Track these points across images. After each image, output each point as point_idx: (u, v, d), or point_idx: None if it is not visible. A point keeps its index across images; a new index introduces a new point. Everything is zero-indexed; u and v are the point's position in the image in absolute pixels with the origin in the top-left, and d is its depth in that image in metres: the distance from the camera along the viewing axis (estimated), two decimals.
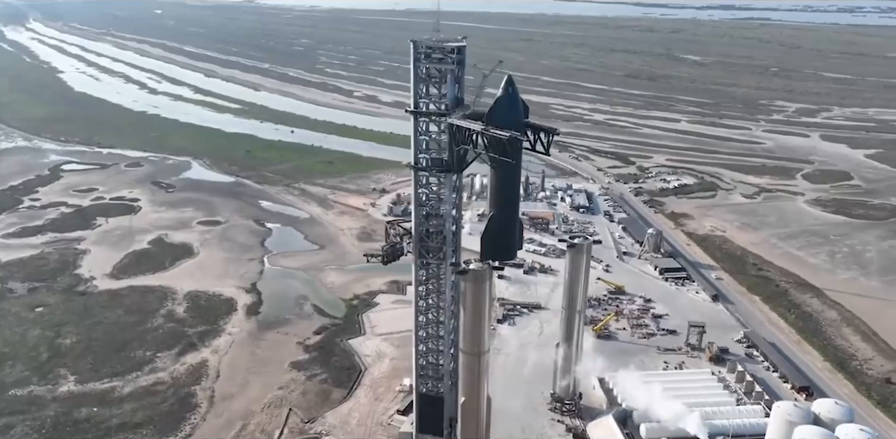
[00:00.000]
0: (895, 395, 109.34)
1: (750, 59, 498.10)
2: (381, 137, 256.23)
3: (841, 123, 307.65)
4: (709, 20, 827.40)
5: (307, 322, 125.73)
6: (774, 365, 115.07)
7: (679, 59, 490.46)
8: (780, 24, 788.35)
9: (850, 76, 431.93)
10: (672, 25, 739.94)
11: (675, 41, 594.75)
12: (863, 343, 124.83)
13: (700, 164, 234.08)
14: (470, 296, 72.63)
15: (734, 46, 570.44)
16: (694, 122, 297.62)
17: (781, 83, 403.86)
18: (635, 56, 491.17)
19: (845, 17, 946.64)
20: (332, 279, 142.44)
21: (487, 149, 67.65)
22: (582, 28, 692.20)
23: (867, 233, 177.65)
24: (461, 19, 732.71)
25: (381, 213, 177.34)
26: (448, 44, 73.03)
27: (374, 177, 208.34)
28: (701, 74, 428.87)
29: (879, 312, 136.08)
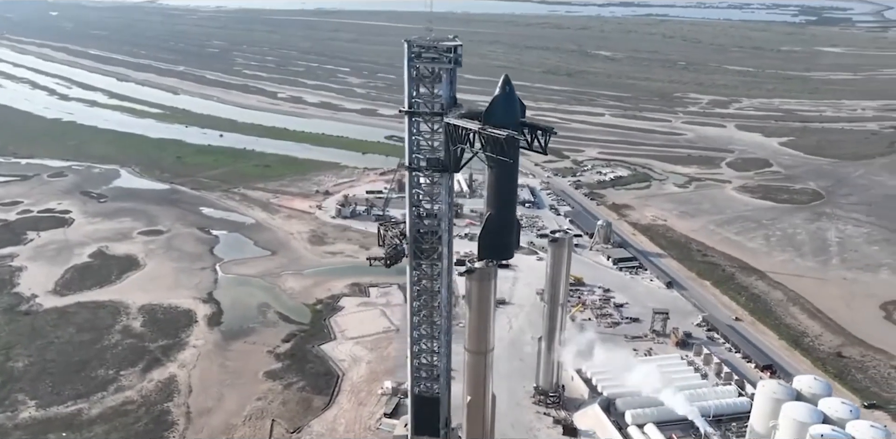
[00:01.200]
0: (848, 368, 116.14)
1: (657, 54, 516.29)
2: (314, 139, 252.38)
3: (751, 113, 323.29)
4: (612, 17, 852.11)
5: (273, 330, 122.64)
6: (736, 347, 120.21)
7: (592, 55, 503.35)
8: (678, 21, 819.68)
9: (752, 69, 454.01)
10: (579, 22, 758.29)
11: (584, 38, 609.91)
12: (810, 320, 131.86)
13: (630, 156, 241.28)
14: (475, 295, 72.60)
15: (641, 42, 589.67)
16: (617, 116, 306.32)
17: (691, 76, 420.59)
18: (550, 52, 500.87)
19: (736, 13, 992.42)
20: (290, 284, 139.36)
21: (484, 148, 67.59)
22: (492, 26, 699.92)
23: (794, 217, 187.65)
24: (373, 18, 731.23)
25: (330, 216, 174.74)
26: (444, 43, 72.67)
27: (315, 180, 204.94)
28: (615, 70, 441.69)
29: (818, 290, 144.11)
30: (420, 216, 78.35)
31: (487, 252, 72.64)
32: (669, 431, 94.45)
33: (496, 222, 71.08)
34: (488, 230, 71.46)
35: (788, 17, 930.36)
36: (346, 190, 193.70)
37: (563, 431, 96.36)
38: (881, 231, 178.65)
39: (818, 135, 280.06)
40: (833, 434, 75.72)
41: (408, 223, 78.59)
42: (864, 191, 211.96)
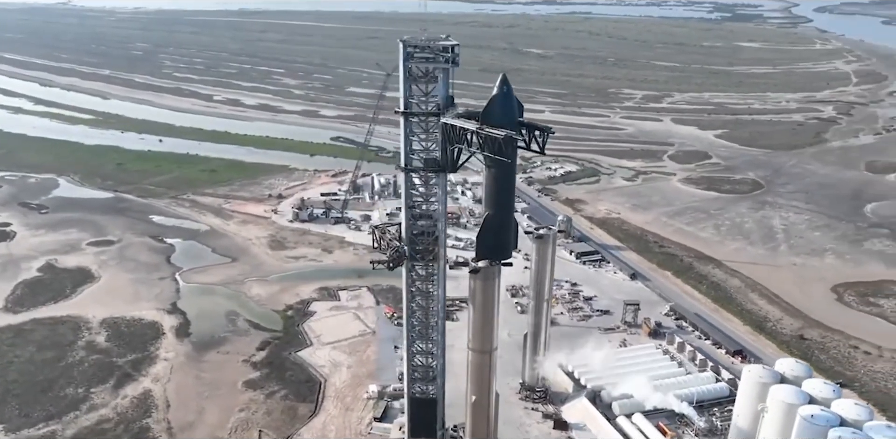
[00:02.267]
0: (811, 349, 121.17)
1: (586, 51, 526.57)
2: (259, 142, 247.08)
3: (684, 107, 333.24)
4: (538, 15, 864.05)
5: (246, 338, 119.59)
6: (705, 334, 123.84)
7: (524, 52, 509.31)
8: (602, 18, 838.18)
9: (678, 64, 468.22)
10: (506, 21, 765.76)
11: (514, 36, 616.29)
12: (769, 305, 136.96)
13: (576, 152, 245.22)
14: (479, 294, 72.52)
15: (569, 39, 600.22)
16: (556, 112, 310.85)
17: (622, 72, 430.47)
18: (482, 51, 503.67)
19: (655, 10, 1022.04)
20: (256, 291, 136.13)
21: (482, 148, 67.54)
22: (420, 25, 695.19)
23: (739, 206, 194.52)
24: (298, 18, 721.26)
25: (287, 219, 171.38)
26: (440, 42, 72.30)
27: (266, 183, 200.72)
28: (549, 67, 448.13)
29: (772, 276, 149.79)
30: (416, 217, 77.99)
31: (486, 252, 72.47)
32: (656, 419, 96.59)
33: (494, 222, 71.14)
34: (487, 230, 71.49)
35: (704, 13, 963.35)
36: (300, 193, 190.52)
37: (554, 425, 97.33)
38: (820, 217, 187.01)
39: (749, 127, 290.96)
40: (822, 413, 78.67)
41: (404, 224, 78.01)
42: (799, 179, 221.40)
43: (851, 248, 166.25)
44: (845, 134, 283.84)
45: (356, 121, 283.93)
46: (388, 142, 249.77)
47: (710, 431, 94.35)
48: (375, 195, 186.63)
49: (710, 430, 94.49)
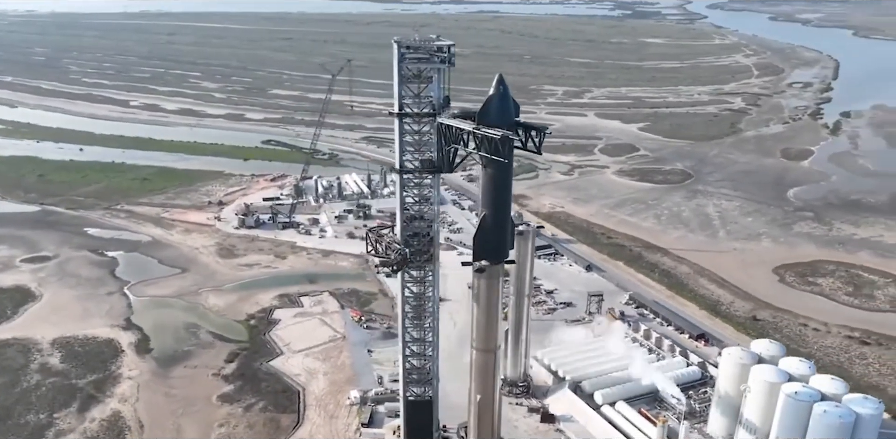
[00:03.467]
0: (766, 329, 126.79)
1: (501, 49, 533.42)
2: (187, 148, 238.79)
3: (605, 102, 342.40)
4: (447, 14, 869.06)
5: (212, 351, 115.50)
6: (667, 320, 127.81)
7: None
8: (510, 16, 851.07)
9: (592, 60, 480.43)
10: (418, 20, 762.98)
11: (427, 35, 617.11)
12: (720, 289, 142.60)
13: None
14: (483, 293, 72.39)
15: (482, 38, 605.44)
16: None
17: (539, 69, 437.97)
18: None
19: (559, 8, 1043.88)
20: (214, 301, 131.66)
21: (479, 148, 67.62)
22: (332, 25, 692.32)
23: (674, 196, 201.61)
24: (205, 20, 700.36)
25: (232, 226, 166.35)
26: (435, 42, 71.85)
27: (203, 190, 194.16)
28: (467, 65, 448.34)
29: (716, 262, 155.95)
30: (410, 219, 77.30)
31: (483, 252, 72.29)
32: (636, 406, 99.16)
33: (491, 222, 71.24)
34: (484, 230, 71.51)
35: (607, 11, 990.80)
36: (240, 199, 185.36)
37: (542, 418, 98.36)
38: (749, 203, 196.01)
39: (669, 120, 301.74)
40: (804, 390, 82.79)
41: (399, 226, 77.17)
42: (723, 168, 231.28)
43: (783, 232, 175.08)
44: (757, 124, 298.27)
45: (285, 123, 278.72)
46: (323, 144, 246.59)
47: (690, 413, 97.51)
48: (320, 198, 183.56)
49: (689, 413, 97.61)
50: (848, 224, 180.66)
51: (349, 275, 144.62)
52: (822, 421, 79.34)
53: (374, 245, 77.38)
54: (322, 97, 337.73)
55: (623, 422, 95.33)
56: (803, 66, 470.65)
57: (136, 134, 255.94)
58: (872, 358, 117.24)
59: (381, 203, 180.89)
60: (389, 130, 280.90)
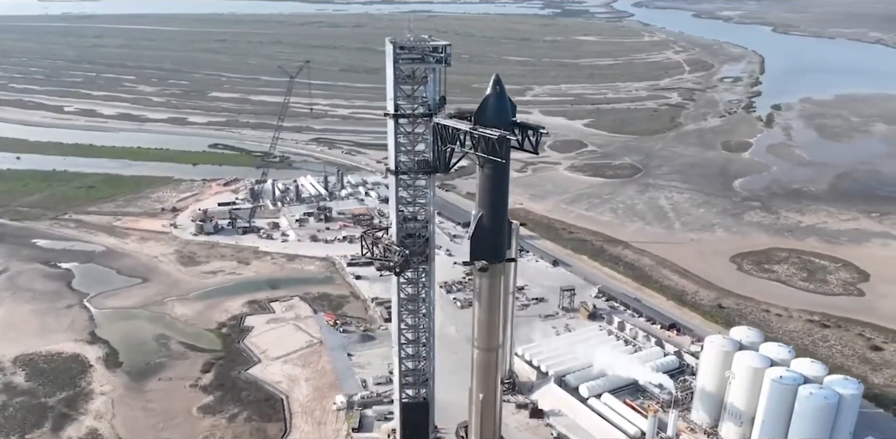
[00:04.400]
0: (731, 316, 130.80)
1: None
2: (132, 153, 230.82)
3: (547, 99, 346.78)
4: (380, 14, 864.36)
5: (185, 362, 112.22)
6: (638, 311, 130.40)
7: (380, 51, 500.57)
8: (443, 16, 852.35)
9: (530, 58, 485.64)
10: (352, 20, 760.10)
11: (364, 35, 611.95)
12: (683, 280, 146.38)
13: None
14: (486, 292, 72.20)
15: None
16: None
17: (479, 68, 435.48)
18: (338, 51, 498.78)
19: (490, 7, 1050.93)
20: (181, 311, 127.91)
21: (476, 148, 67.65)
22: (265, 26, 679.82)
23: (627, 189, 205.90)
24: (133, 22, 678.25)
25: (190, 233, 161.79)
26: (430, 42, 71.52)
27: (154, 197, 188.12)
28: None
29: (675, 253, 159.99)
30: (406, 220, 76.77)
31: (480, 252, 72.20)
32: (620, 397, 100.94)
33: (487, 222, 71.32)
34: (481, 230, 71.51)
35: (537, 9, 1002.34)
36: (194, 204, 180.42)
37: (531, 414, 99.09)
38: (699, 195, 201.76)
39: (612, 116, 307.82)
40: (788, 374, 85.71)
41: (394, 227, 76.54)
42: (670, 161, 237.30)
43: (734, 222, 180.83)
44: (695, 118, 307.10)
45: (230, 126, 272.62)
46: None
47: (675, 401, 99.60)
48: (278, 201, 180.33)
49: (671, 401, 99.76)
50: (793, 212, 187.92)
51: (317, 278, 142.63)
52: (809, 403, 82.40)
53: (371, 248, 76.44)
54: (264, 99, 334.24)
55: (611, 414, 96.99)
56: (731, 62, 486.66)
57: (75, 140, 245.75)
58: (834, 340, 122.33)
59: (341, 205, 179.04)
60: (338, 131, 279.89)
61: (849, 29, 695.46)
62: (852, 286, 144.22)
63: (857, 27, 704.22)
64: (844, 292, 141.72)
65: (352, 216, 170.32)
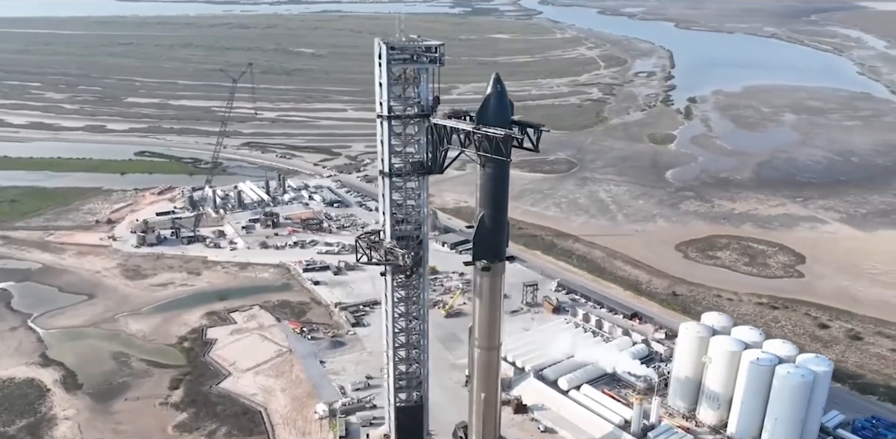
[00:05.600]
0: (687, 302, 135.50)
1: (358, 48, 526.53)
2: (53, 164, 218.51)
3: (473, 97, 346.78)
4: (290, 15, 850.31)
5: (150, 379, 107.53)
6: (599, 303, 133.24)
7: (296, 52, 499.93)
8: (356, 15, 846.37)
9: (450, 57, 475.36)
10: (262, 21, 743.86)
11: (277, 36, 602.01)
12: (635, 270, 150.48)
13: None
14: (487, 291, 72.39)
15: (334, 37, 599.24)
16: (359, 110, 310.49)
17: None
18: (253, 53, 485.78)
19: (400, 6, 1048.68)
20: (136, 327, 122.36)
21: (478, 148, 67.73)
22: (171, 28, 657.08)
23: (566, 184, 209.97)
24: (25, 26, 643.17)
25: (131, 245, 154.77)
26: (423, 43, 70.93)
27: (85, 209, 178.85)
28: (328, 65, 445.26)
29: (623, 244, 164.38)
30: (399, 222, 75.97)
31: (483, 251, 72.33)
32: (598, 388, 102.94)
33: (490, 222, 71.52)
34: (483, 230, 71.66)
35: (447, 8, 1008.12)
36: (130, 215, 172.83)
37: (515, 410, 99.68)
38: (636, 187, 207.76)
39: (539, 112, 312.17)
40: (765, 355, 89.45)
41: (388, 230, 75.59)
42: (602, 155, 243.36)
43: (673, 211, 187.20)
44: (619, 112, 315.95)
45: (153, 133, 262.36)
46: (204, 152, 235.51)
47: (649, 389, 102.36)
48: (219, 209, 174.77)
49: (647, 388, 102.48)
50: (725, 200, 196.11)
51: (274, 286, 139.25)
52: (787, 382, 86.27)
53: (367, 252, 75.16)
54: (185, 104, 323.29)
55: (594, 405, 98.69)
56: (642, 57, 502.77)
57: None
58: (784, 320, 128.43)
59: (287, 210, 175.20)
60: (269, 135, 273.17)
61: (745, 24, 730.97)
62: (791, 268, 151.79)
63: (752, 22, 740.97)
64: (786, 275, 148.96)
65: (300, 221, 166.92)
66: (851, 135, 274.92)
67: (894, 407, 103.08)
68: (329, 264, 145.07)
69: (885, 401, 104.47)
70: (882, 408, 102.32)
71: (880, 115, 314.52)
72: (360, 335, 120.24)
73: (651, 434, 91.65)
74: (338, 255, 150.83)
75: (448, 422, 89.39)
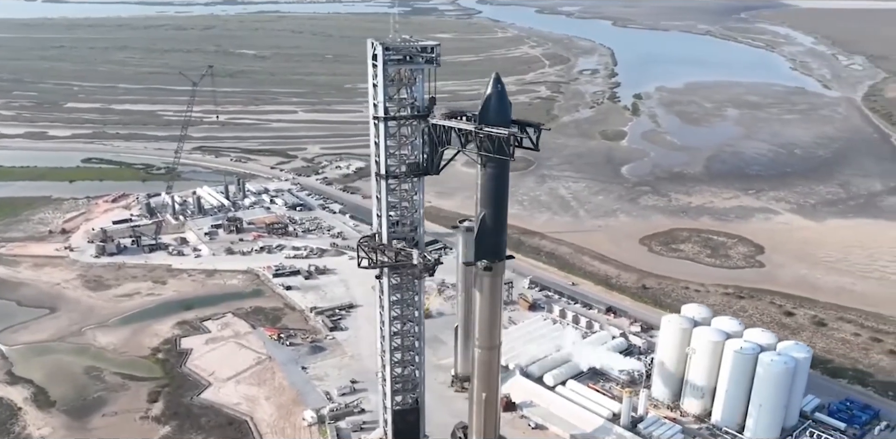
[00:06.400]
0: (657, 295, 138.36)
1: (301, 49, 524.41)
2: None
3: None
4: (227, 15, 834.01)
5: (127, 393, 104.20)
6: (573, 298, 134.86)
7: (238, 54, 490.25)
8: (295, 16, 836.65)
9: None
10: (199, 22, 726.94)
11: (217, 37, 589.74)
12: (603, 265, 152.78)
13: (352, 148, 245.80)
14: (488, 291, 72.56)
15: (276, 38, 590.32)
16: (310, 112, 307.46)
17: (348, 68, 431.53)
18: (193, 55, 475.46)
19: (339, 6, 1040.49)
20: (106, 340, 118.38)
21: (480, 148, 67.82)
22: (105, 31, 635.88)
23: (526, 182, 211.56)
24: None
25: (91, 255, 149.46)
26: (419, 43, 70.40)
27: (36, 219, 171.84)
28: (273, 67, 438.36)
29: (589, 239, 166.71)
30: (394, 224, 75.30)
31: (485, 252, 72.47)
32: (583, 382, 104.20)
33: (491, 221, 71.69)
34: (484, 230, 71.84)
35: (386, 8, 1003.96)
36: (84, 224, 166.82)
37: (504, 408, 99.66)
38: (594, 183, 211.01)
39: None
40: (747, 344, 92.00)
41: (384, 233, 74.85)
42: (558, 152, 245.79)
43: (632, 206, 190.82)
44: (568, 109, 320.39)
45: (99, 139, 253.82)
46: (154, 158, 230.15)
47: (632, 381, 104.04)
48: (178, 215, 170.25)
49: (631, 381, 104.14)
50: (681, 194, 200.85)
51: (245, 292, 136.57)
52: (771, 369, 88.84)
53: (375, 255, 73.89)
54: (129, 108, 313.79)
55: (581, 399, 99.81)
56: (585, 55, 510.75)
57: None
58: (751, 309, 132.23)
59: (249, 214, 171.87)
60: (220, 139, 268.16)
61: (680, 21, 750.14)
62: (752, 259, 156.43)
63: (686, 20, 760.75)
64: (747, 265, 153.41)
65: (264, 225, 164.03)
66: (791, 129, 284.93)
67: (864, 389, 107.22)
68: (299, 268, 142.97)
69: (855, 384, 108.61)
70: (852, 391, 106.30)
71: (816, 109, 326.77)
72: (339, 339, 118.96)
73: (641, 425, 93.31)
74: (307, 259, 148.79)
75: (437, 423, 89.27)
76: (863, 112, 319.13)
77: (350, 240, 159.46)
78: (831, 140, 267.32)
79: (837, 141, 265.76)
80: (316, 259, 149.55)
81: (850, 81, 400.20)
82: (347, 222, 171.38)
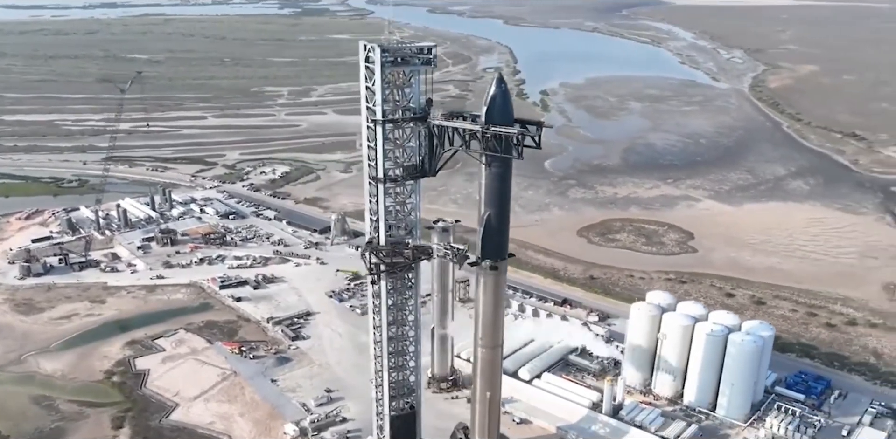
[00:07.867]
0: (606, 284, 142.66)
1: (196, 53, 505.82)
2: None
3: (334, 98, 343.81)
4: (109, 19, 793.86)
5: (87, 421, 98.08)
6: (527, 292, 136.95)
7: (130, 59, 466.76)
8: (182, 18, 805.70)
9: (296, 59, 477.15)
10: (80, 27, 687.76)
11: (103, 42, 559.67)
12: (548, 258, 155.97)
13: (274, 152, 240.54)
14: (491, 290, 72.85)
15: (167, 42, 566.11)
16: (220, 117, 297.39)
17: (249, 71, 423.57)
18: (81, 60, 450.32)
19: (225, 8, 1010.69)
20: (51, 366, 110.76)
21: (486, 147, 68.10)
22: None
23: (456, 180, 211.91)
24: None
25: (14, 277, 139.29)
26: (417, 44, 69.76)
27: None
28: (171, 71, 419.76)
29: (529, 234, 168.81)
30: (390, 228, 74.40)
31: (490, 251, 72.89)
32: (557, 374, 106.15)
33: (496, 221, 72.12)
34: (490, 229, 72.26)
35: (276, 9, 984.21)
36: (1, 244, 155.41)
37: None
38: (521, 178, 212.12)
39: None
40: (717, 326, 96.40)
41: (382, 237, 73.83)
42: None
43: (563, 200, 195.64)
44: (480, 107, 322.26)
45: None
46: (62, 170, 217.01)
47: (603, 370, 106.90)
48: (104, 230, 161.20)
49: (601, 370, 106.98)
50: (606, 186, 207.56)
51: (193, 307, 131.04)
52: (742, 348, 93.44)
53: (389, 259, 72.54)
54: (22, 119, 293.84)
55: (560, 391, 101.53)
56: (485, 53, 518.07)
57: None
58: (696, 293, 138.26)
59: (181, 225, 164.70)
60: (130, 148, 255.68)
61: (567, 19, 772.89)
62: (685, 244, 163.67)
63: (573, 18, 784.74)
64: (682, 251, 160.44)
65: (200, 236, 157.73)
66: (693, 119, 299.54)
67: (811, 361, 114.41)
68: (246, 279, 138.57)
69: (803, 357, 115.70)
70: (802, 364, 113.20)
71: (710, 100, 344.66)
72: (303, 348, 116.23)
73: (623, 412, 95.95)
74: (252, 269, 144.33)
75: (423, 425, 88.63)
76: (752, 102, 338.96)
77: (292, 247, 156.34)
78: (731, 129, 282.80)
79: (736, 130, 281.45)
80: (261, 268, 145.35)
81: (735, 73, 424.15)
82: (286, 228, 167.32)
